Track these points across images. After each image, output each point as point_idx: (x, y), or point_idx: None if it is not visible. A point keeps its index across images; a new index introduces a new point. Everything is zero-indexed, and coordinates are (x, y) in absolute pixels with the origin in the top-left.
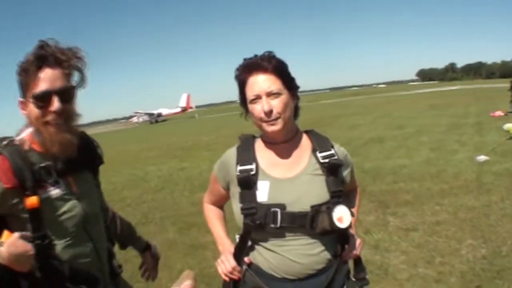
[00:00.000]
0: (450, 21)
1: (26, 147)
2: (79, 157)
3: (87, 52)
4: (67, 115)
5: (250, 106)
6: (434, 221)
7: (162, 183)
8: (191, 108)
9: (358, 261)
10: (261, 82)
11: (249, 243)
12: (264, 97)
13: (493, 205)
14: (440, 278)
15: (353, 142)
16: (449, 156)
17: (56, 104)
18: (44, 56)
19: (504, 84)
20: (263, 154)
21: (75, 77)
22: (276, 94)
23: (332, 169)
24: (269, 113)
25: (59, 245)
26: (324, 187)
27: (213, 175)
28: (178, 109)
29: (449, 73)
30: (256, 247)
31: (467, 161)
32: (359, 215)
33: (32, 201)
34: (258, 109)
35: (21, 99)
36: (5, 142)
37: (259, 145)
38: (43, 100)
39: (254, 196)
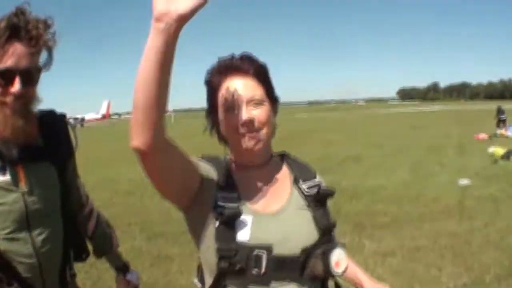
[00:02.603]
0: (433, 39)
1: None
2: (39, 146)
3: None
4: (27, 99)
5: (222, 116)
6: (413, 247)
7: (133, 187)
8: (110, 116)
9: None
10: (240, 87)
11: None
12: (243, 105)
13: (476, 232)
14: None
15: (329, 159)
16: (429, 178)
17: (17, 85)
18: (17, 27)
19: (488, 105)
20: (240, 181)
21: (43, 57)
22: (258, 103)
23: (320, 201)
24: (249, 123)
25: None
26: (311, 223)
27: (199, 157)
28: (99, 116)
29: (431, 93)
30: None
31: (448, 185)
32: None
33: None
34: (233, 119)
35: None
36: None
37: (234, 171)
38: (4, 78)
39: (233, 234)
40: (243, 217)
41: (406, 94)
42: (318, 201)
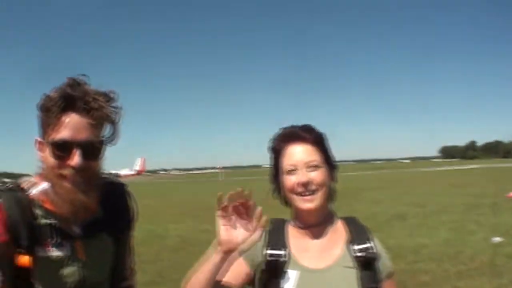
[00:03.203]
0: (473, 99)
1: (32, 195)
2: (98, 218)
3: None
4: (89, 172)
5: (284, 178)
6: None
7: (181, 243)
8: (144, 172)
9: None
10: (300, 152)
11: None
12: (302, 168)
13: None
14: None
15: (376, 218)
16: (467, 237)
17: (76, 158)
18: (72, 98)
19: None
20: (293, 239)
21: (106, 130)
22: (315, 167)
23: (367, 264)
24: (306, 184)
25: None
26: (355, 284)
27: (240, 259)
28: (133, 172)
29: (470, 151)
30: None
31: (483, 242)
32: None
33: (23, 260)
34: (293, 180)
35: (39, 139)
36: (8, 185)
37: (290, 230)
38: (62, 150)
39: (280, 286)
40: (290, 271)
41: (448, 152)
42: (366, 263)
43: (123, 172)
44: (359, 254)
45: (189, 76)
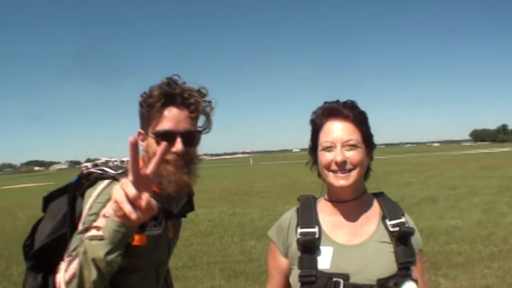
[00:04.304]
0: (504, 82)
1: None
2: (184, 205)
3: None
4: (188, 158)
5: (320, 153)
6: (483, 285)
7: (212, 227)
8: None
9: None
10: (339, 130)
11: None
12: (339, 146)
13: None
14: None
15: (406, 200)
16: (499, 219)
17: (179, 145)
18: (172, 95)
19: None
20: (326, 215)
21: (201, 121)
22: (353, 146)
23: (402, 238)
24: (342, 163)
25: (129, 275)
26: (392, 258)
27: (271, 246)
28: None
29: (501, 135)
30: None
31: None
32: None
33: (139, 238)
34: (329, 157)
35: (141, 131)
36: (121, 171)
37: (321, 206)
38: (165, 139)
39: (315, 262)
40: (326, 247)
41: (478, 136)
42: (401, 238)
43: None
44: (394, 229)
45: (216, 56)
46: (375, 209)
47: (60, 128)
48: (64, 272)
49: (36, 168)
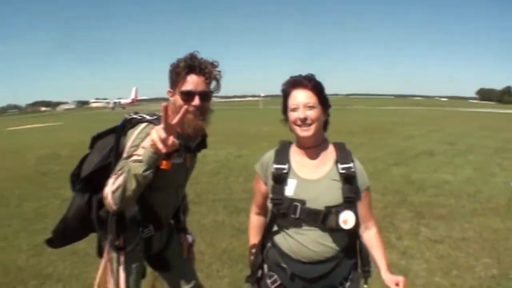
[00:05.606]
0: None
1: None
2: (199, 143)
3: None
4: (203, 110)
5: (289, 114)
6: (460, 237)
7: (219, 168)
8: (137, 101)
9: (364, 255)
10: (300, 96)
11: (275, 227)
12: (301, 107)
13: None
14: None
15: (405, 152)
16: (488, 178)
17: (197, 101)
18: (193, 66)
19: None
20: (295, 157)
21: (213, 84)
22: (311, 107)
23: (347, 179)
24: (303, 119)
25: (157, 192)
26: (339, 192)
27: (256, 175)
28: (129, 101)
29: (506, 96)
30: (280, 231)
31: (502, 185)
32: (396, 221)
33: (166, 163)
34: (295, 116)
35: (170, 90)
36: (155, 117)
37: (293, 149)
38: (188, 96)
39: (282, 190)
40: (291, 180)
41: (485, 95)
42: (347, 178)
43: (123, 101)
44: (342, 171)
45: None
46: (332, 154)
47: (68, 68)
48: (112, 185)
49: (43, 108)
